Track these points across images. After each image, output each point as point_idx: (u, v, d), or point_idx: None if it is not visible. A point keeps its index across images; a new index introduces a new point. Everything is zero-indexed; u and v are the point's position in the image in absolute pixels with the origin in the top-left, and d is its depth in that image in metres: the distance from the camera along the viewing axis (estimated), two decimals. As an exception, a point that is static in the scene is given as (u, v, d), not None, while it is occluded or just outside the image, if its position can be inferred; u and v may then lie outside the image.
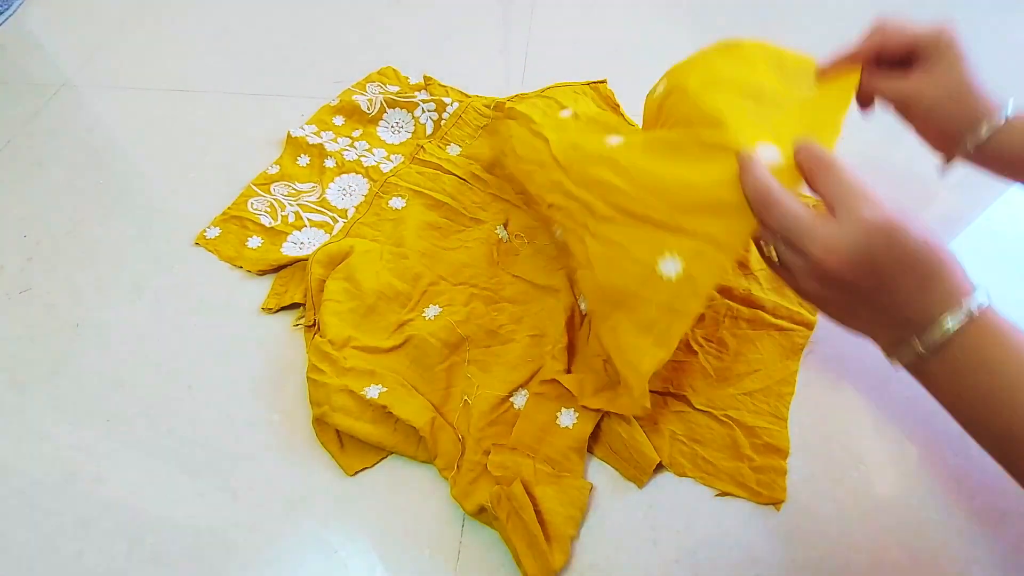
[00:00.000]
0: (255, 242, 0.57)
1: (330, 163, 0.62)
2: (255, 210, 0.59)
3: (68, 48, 0.79)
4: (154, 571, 0.39)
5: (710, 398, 0.46)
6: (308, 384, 0.46)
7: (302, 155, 0.64)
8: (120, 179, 0.63)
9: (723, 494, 0.42)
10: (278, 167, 0.63)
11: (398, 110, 0.67)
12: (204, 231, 0.57)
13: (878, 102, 0.41)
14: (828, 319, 0.34)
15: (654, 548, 0.40)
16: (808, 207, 0.31)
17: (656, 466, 0.42)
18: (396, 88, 0.71)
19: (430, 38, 0.79)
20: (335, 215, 0.59)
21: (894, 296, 0.29)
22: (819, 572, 0.39)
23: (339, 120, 0.68)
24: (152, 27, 0.82)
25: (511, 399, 0.45)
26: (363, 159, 0.63)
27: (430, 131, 0.66)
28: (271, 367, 0.49)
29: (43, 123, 0.69)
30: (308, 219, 0.59)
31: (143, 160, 0.65)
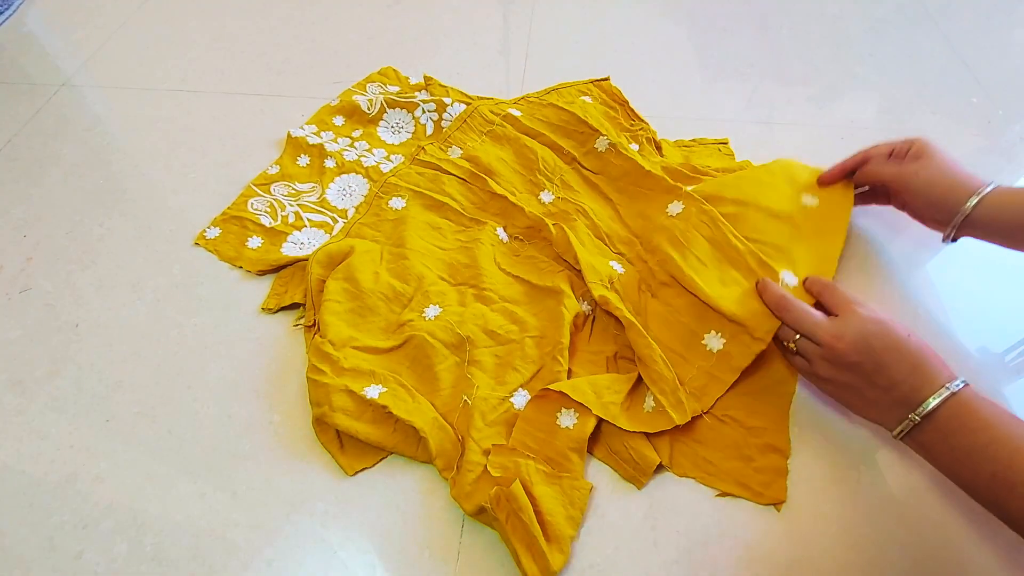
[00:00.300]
0: (255, 242, 0.57)
1: (330, 163, 0.62)
2: (255, 210, 0.59)
3: (68, 48, 0.79)
4: (154, 571, 0.39)
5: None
6: (308, 384, 0.46)
7: (302, 155, 0.64)
8: (120, 179, 0.63)
9: (723, 494, 0.42)
10: (278, 167, 0.63)
11: (398, 110, 0.67)
12: (204, 231, 0.57)
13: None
14: (843, 405, 0.42)
15: (654, 548, 0.40)
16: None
17: (655, 467, 0.42)
18: (396, 88, 0.71)
19: (430, 38, 0.79)
20: (335, 215, 0.59)
21: (891, 377, 0.38)
22: (819, 572, 0.39)
23: (339, 120, 0.68)
24: (152, 27, 0.82)
25: (511, 399, 0.45)
26: (363, 159, 0.63)
27: (430, 132, 0.66)
28: (271, 367, 0.49)
29: (43, 123, 0.69)
30: (308, 219, 0.59)
31: (143, 160, 0.65)
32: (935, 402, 0.36)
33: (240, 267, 0.55)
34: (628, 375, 0.46)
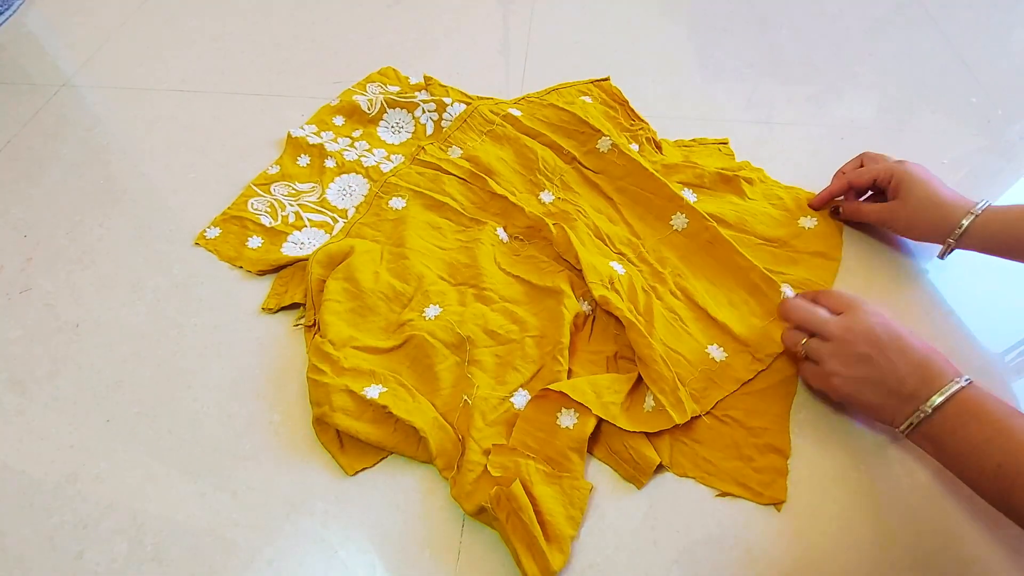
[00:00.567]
0: (255, 242, 0.57)
1: (330, 163, 0.62)
2: (255, 210, 0.59)
3: (68, 48, 0.79)
4: (154, 571, 0.39)
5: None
6: (308, 384, 0.46)
7: (302, 155, 0.64)
8: (120, 179, 0.63)
9: (724, 494, 0.42)
10: (278, 167, 0.63)
11: (398, 110, 0.67)
12: (204, 231, 0.57)
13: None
14: (852, 406, 0.44)
15: (654, 548, 0.40)
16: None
17: (655, 467, 0.42)
18: (396, 88, 0.71)
19: (430, 38, 0.79)
20: (335, 215, 0.59)
21: (900, 370, 0.39)
22: (819, 572, 0.39)
23: (339, 120, 0.68)
24: (152, 27, 0.82)
25: (511, 399, 0.45)
26: (363, 159, 0.63)
27: (430, 131, 0.66)
28: (271, 367, 0.49)
29: (43, 123, 0.69)
30: (308, 219, 0.59)
31: (143, 160, 0.65)
32: (944, 396, 0.37)
33: (240, 267, 0.55)
34: (628, 375, 0.46)
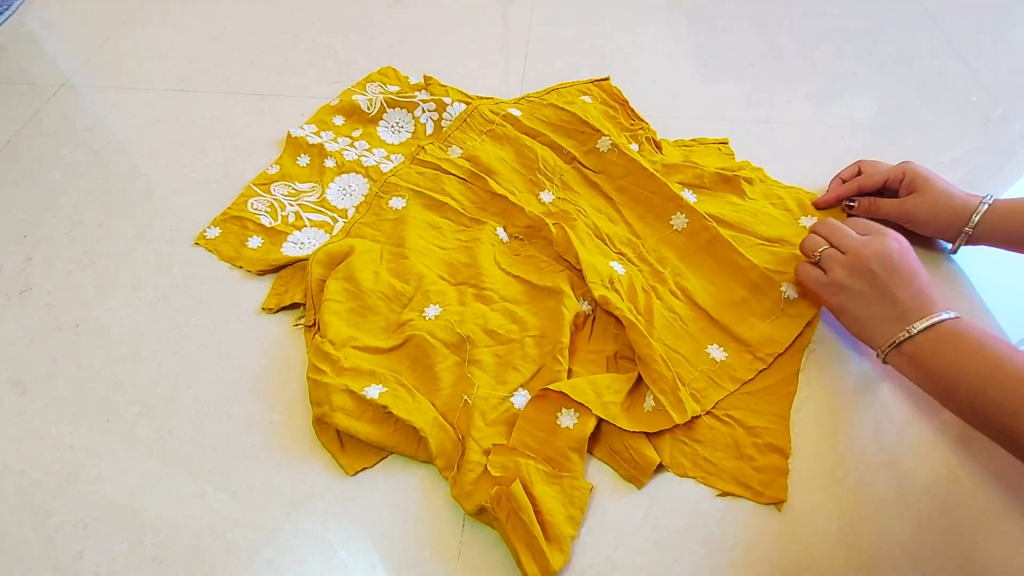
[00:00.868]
0: (255, 242, 0.57)
1: (330, 163, 0.62)
2: (255, 210, 0.59)
3: (68, 48, 0.79)
4: (154, 571, 0.39)
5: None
6: (308, 384, 0.46)
7: (302, 155, 0.64)
8: (120, 179, 0.63)
9: (724, 494, 0.42)
10: (278, 167, 0.63)
11: (398, 110, 0.67)
12: (204, 231, 0.57)
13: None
14: (841, 316, 0.45)
15: (654, 548, 0.40)
16: None
17: (655, 466, 0.42)
18: (396, 88, 0.71)
19: (430, 38, 0.79)
20: (335, 215, 0.59)
21: (899, 293, 0.42)
22: (819, 572, 0.39)
23: (339, 120, 0.68)
24: (152, 27, 0.82)
25: (511, 399, 0.45)
26: (363, 159, 0.63)
27: (430, 131, 0.66)
28: (271, 367, 0.49)
29: (43, 123, 0.69)
30: (308, 219, 0.59)
31: (143, 160, 0.65)
32: (929, 322, 0.40)
33: (240, 267, 0.55)
34: (628, 375, 0.46)
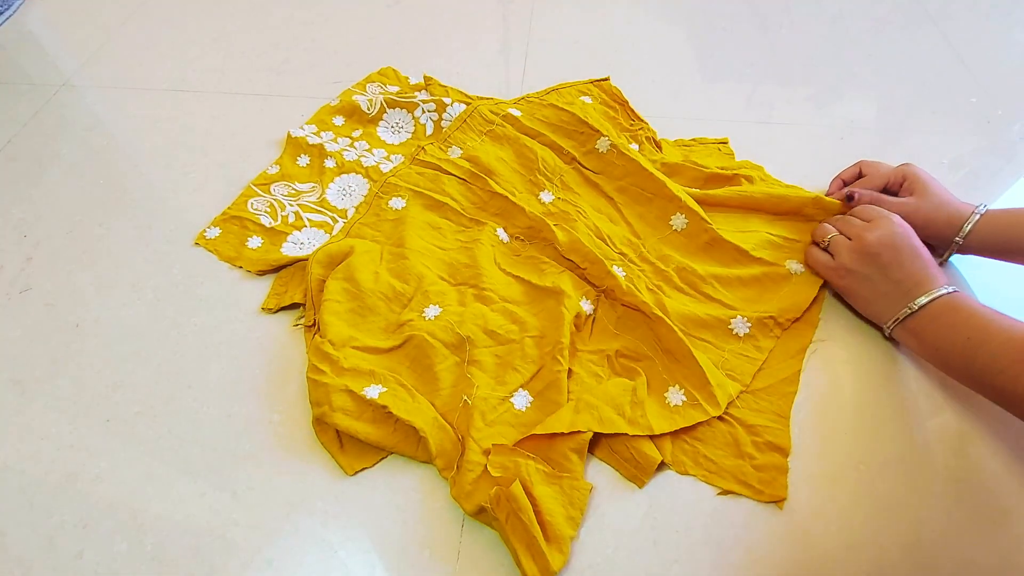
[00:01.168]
0: (255, 242, 0.57)
1: (330, 163, 0.62)
2: (255, 210, 0.59)
3: (68, 48, 0.79)
4: (154, 571, 0.39)
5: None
6: (308, 384, 0.46)
7: (302, 155, 0.64)
8: (120, 179, 0.63)
9: (725, 493, 0.42)
10: (278, 167, 0.63)
11: (398, 110, 0.67)
12: (204, 231, 0.57)
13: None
14: (849, 297, 0.50)
15: (654, 548, 0.40)
16: None
17: (657, 465, 0.42)
18: (396, 88, 0.71)
19: (430, 38, 0.79)
20: (335, 215, 0.59)
21: (900, 273, 0.46)
22: (819, 572, 0.39)
23: (339, 120, 0.68)
24: (152, 27, 0.82)
25: (511, 399, 0.45)
26: (363, 159, 0.63)
27: (430, 131, 0.66)
28: (271, 367, 0.49)
29: (43, 123, 0.69)
30: (308, 219, 0.59)
31: (143, 160, 0.65)
32: (930, 297, 0.44)
33: (240, 267, 0.55)
34: (638, 380, 0.46)
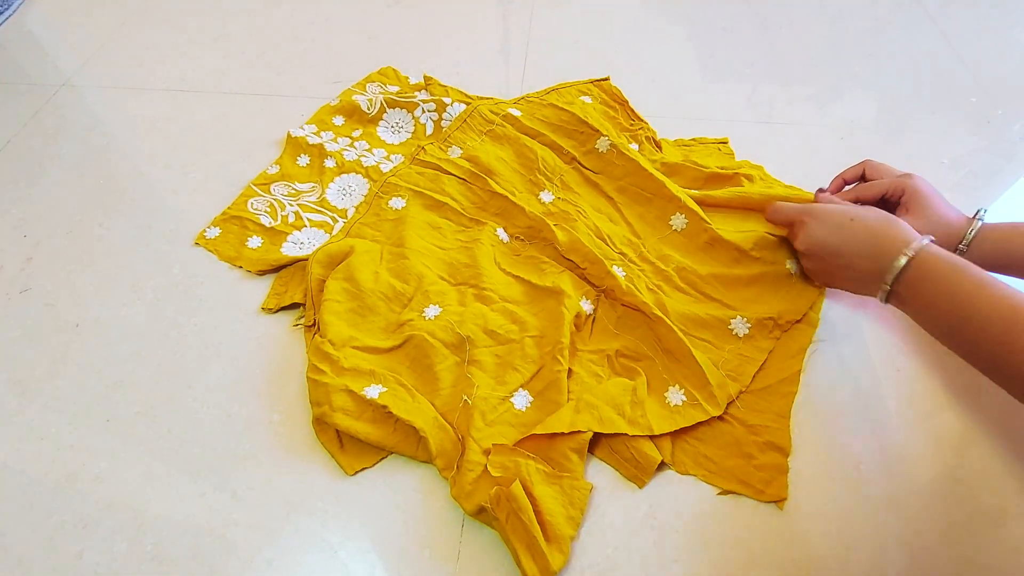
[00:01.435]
0: (255, 242, 0.57)
1: (330, 163, 0.62)
2: (255, 210, 0.59)
3: (68, 48, 0.79)
4: (154, 571, 0.39)
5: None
6: (308, 384, 0.46)
7: (302, 155, 0.64)
8: (120, 179, 0.63)
9: (725, 493, 0.42)
10: (278, 167, 0.63)
11: (398, 110, 0.67)
12: (204, 231, 0.57)
13: None
14: (833, 287, 0.50)
15: (654, 548, 0.40)
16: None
17: (657, 465, 0.42)
18: (396, 88, 0.71)
19: (430, 38, 0.79)
20: (335, 215, 0.59)
21: (848, 258, 0.44)
22: (819, 572, 0.39)
23: (339, 120, 0.68)
24: (152, 27, 0.82)
25: (511, 399, 0.45)
26: (363, 159, 0.63)
27: (430, 131, 0.66)
28: (271, 367, 0.49)
29: (43, 123, 0.69)
30: (308, 219, 0.59)
31: (143, 160, 0.65)
32: (903, 260, 0.41)
33: (240, 267, 0.55)
34: (638, 380, 0.46)
